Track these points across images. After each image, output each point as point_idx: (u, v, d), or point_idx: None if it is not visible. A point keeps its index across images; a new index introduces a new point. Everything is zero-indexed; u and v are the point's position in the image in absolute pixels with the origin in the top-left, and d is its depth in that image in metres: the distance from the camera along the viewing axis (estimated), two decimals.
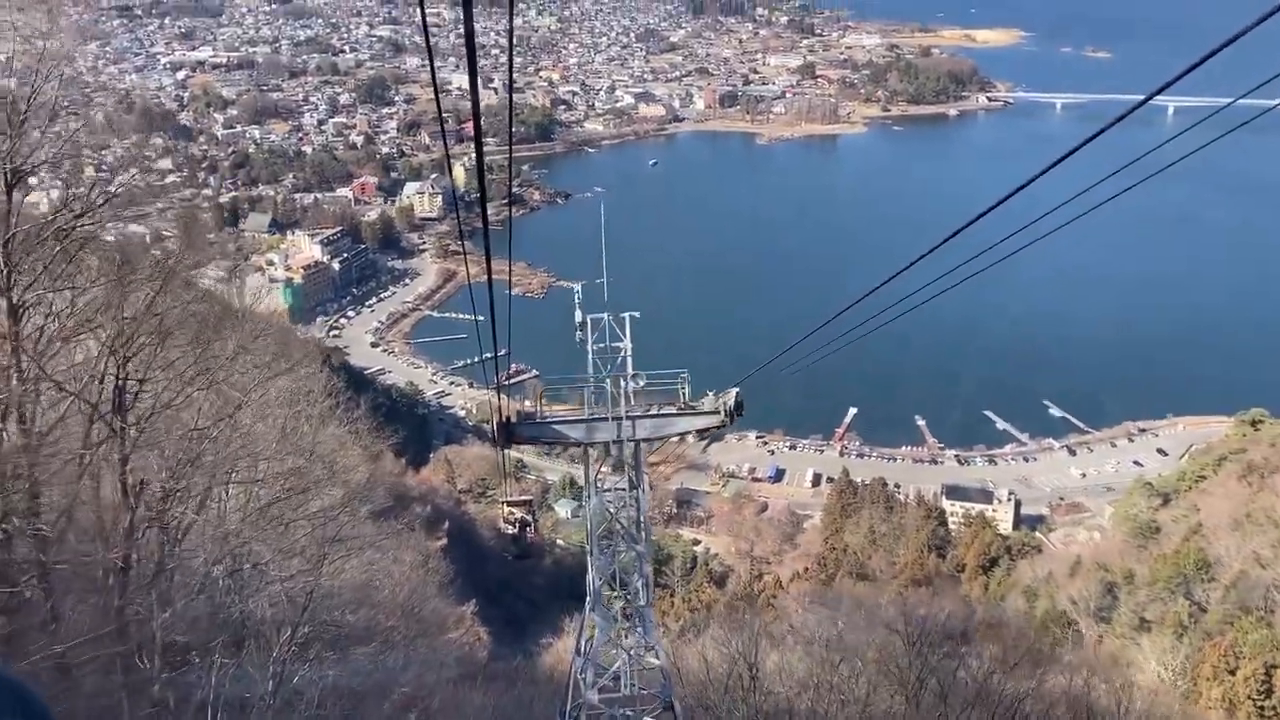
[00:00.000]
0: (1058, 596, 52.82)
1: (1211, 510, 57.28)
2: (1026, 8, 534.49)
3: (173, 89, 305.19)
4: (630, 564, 22.44)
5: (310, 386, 33.53)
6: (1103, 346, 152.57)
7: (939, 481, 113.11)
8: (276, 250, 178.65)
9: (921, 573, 57.16)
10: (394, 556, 37.03)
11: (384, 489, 49.04)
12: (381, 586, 31.71)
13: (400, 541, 40.03)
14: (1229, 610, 46.29)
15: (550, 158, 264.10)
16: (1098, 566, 54.19)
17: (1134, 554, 56.79)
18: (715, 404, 21.62)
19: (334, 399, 38.25)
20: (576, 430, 21.56)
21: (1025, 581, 58.15)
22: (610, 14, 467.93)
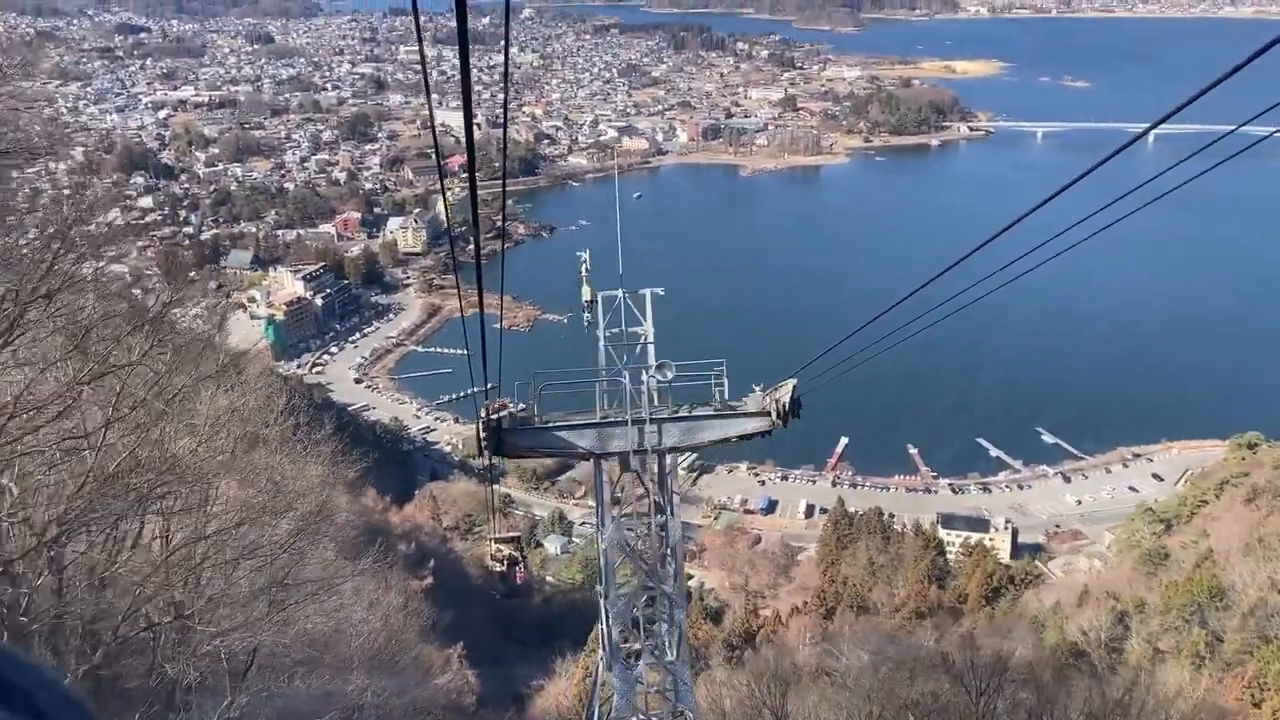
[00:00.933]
0: (1067, 627, 50.88)
1: (1221, 536, 55.65)
2: (1003, 40, 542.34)
3: (154, 128, 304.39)
4: (657, 610, 18.68)
5: (266, 405, 29.53)
6: (1093, 372, 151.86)
7: (934, 511, 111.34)
8: (258, 287, 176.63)
9: (924, 605, 55.20)
10: (370, 599, 34.59)
11: (358, 524, 47.04)
12: (353, 635, 29.03)
13: (379, 582, 37.59)
14: (1248, 639, 44.50)
15: (534, 192, 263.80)
16: (1107, 595, 52.35)
17: (1143, 582, 54.99)
18: (763, 403, 17.66)
19: (294, 420, 32.61)
20: (585, 437, 17.75)
21: (1032, 612, 56.20)
22: (592, 50, 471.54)
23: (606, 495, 18.26)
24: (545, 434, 17.77)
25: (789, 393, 17.19)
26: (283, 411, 28.40)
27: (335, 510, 28.76)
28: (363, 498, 61.72)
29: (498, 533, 46.77)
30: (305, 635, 22.19)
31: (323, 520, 22.16)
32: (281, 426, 26.89)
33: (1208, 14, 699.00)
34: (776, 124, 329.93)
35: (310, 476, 26.84)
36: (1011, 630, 55.07)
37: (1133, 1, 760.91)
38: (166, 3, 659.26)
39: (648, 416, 17.33)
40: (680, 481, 68.28)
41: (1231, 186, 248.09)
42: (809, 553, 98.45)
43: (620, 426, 17.36)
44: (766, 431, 17.82)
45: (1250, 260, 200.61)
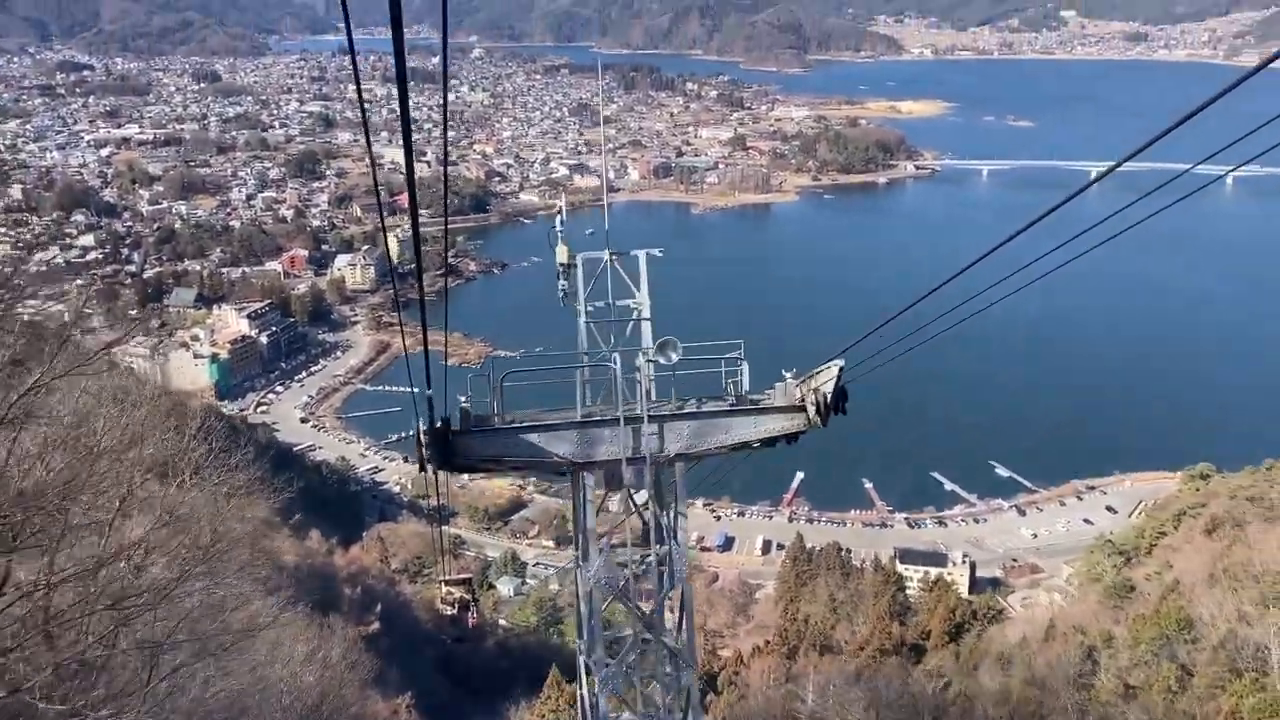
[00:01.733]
0: (1035, 663, 49.65)
1: (1185, 567, 55.00)
2: (947, 81, 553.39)
3: (96, 166, 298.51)
4: (657, 670, 14.62)
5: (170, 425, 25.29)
6: (1043, 405, 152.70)
7: (891, 545, 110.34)
8: (202, 325, 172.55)
9: (888, 642, 53.76)
10: (307, 651, 32.14)
11: (302, 567, 44.65)
12: (283, 692, 26.34)
13: (316, 631, 35.16)
14: (1219, 673, 43.51)
15: (485, 229, 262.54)
16: (1074, 630, 51.27)
17: (1109, 615, 54.10)
18: (796, 394, 13.89)
19: (209, 447, 25.66)
20: (563, 441, 13.83)
21: (998, 648, 54.95)
22: (543, 89, 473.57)
23: (589, 520, 14.38)
24: (509, 438, 13.66)
25: (833, 380, 13.08)
26: (195, 435, 24.03)
27: (236, 544, 24.02)
28: (306, 540, 59.21)
29: (448, 575, 44.71)
30: (222, 696, 19.32)
31: (217, 558, 18.44)
32: (192, 452, 22.82)
33: (1143, 57, 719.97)
34: (727, 162, 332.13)
35: (225, 513, 22.83)
36: (978, 667, 53.81)
37: (1072, 44, 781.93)
38: (111, 41, 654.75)
39: (645, 413, 13.56)
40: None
41: (1175, 224, 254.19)
42: (767, 590, 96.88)
43: (610, 427, 13.61)
44: (799, 433, 14.01)
45: (1193, 295, 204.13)
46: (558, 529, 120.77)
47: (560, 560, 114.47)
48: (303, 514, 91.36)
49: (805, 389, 13.75)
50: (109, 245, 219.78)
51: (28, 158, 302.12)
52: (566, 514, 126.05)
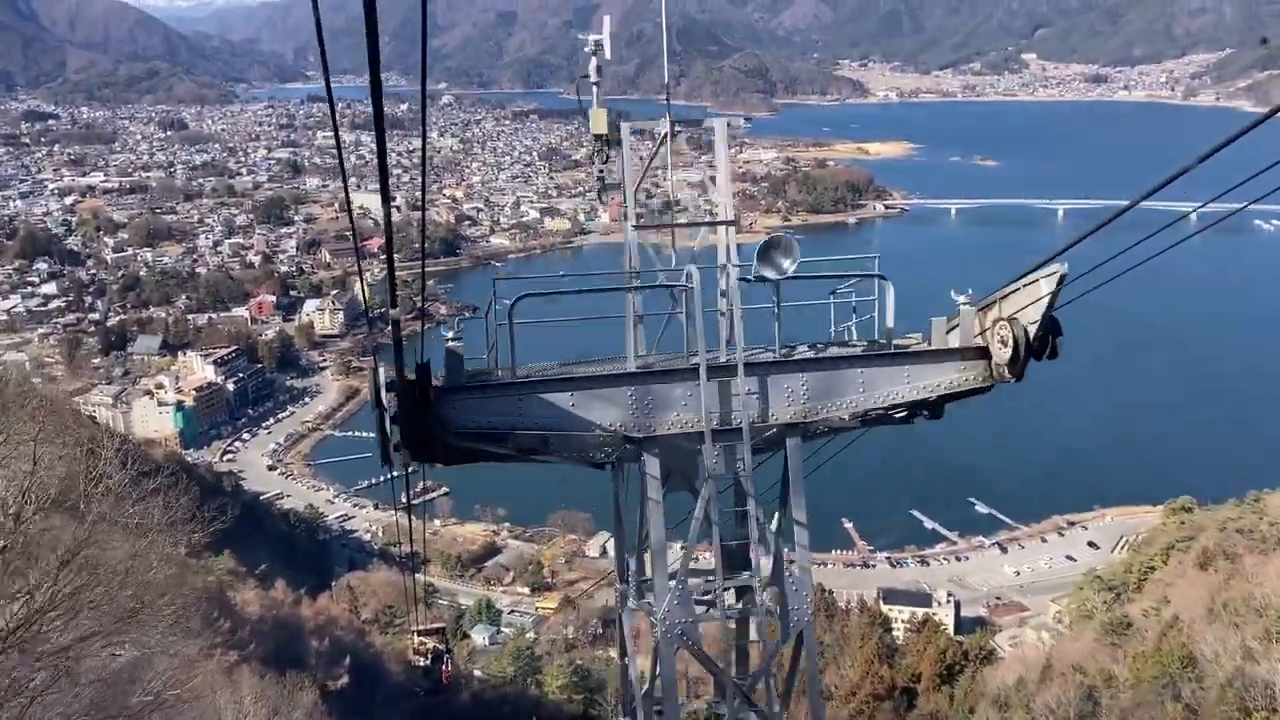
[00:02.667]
0: (1034, 705, 47.74)
1: (1182, 602, 53.36)
2: (913, 122, 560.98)
3: (60, 214, 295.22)
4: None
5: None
6: (1021, 441, 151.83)
7: (874, 586, 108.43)
8: (166, 372, 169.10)
9: (880, 687, 51.74)
10: (265, 714, 29.68)
11: (265, 619, 42.17)
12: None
13: (276, 691, 32.63)
14: (1228, 712, 41.77)
15: (456, 272, 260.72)
16: (1073, 669, 49.44)
17: (1107, 653, 52.32)
18: (973, 331, 10.20)
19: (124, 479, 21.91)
20: (608, 404, 9.54)
21: (993, 690, 53.05)
22: (512, 135, 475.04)
23: (655, 528, 9.35)
24: (523, 399, 9.37)
25: (1042, 304, 9.14)
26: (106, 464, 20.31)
27: (163, 593, 20.41)
28: (271, 590, 56.59)
29: (421, 625, 42.55)
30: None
31: (141, 612, 15.45)
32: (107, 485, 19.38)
33: (1104, 98, 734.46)
34: (696, 205, 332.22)
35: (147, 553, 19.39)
36: (974, 710, 51.88)
37: (1034, 86, 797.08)
38: (76, 90, 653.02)
39: (740, 360, 9.65)
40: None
41: (1145, 260, 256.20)
42: None
43: (683, 381, 9.40)
44: (985, 388, 10.32)
45: (1165, 331, 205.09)
46: (532, 575, 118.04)
47: (545, 605, 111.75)
48: (270, 563, 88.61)
49: (990, 320, 9.83)
50: (72, 293, 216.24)
51: None
52: (542, 560, 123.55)
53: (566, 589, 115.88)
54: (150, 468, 27.48)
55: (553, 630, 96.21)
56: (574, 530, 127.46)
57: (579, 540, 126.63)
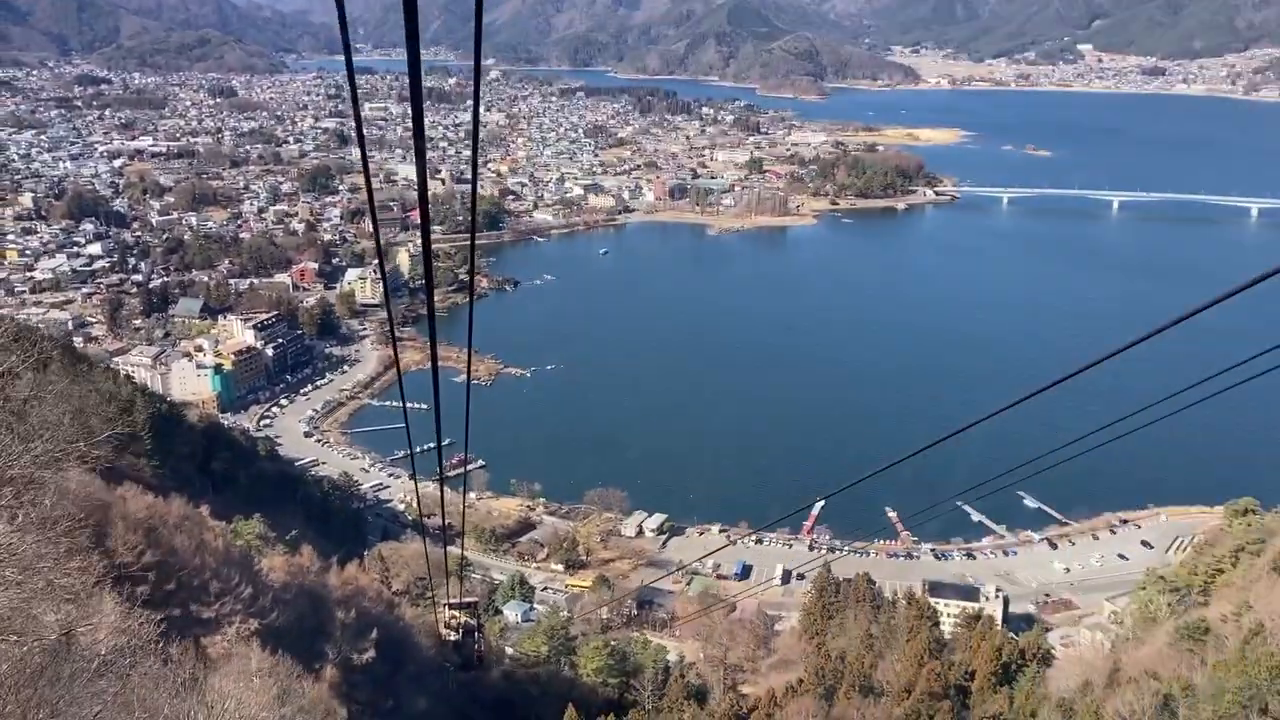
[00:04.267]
0: (1103, 713, 44.36)
1: (1269, 609, 49.72)
2: (965, 110, 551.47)
3: (108, 176, 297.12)
4: None
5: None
6: (1072, 435, 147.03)
7: (918, 577, 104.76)
8: (207, 336, 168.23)
9: (937, 685, 48.57)
10: (269, 694, 26.75)
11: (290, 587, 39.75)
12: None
13: (288, 669, 29.94)
14: None
15: (499, 246, 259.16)
16: (1146, 675, 45.98)
17: (1182, 659, 48.81)
18: None
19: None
20: None
21: (1057, 694, 49.68)
22: (558, 111, 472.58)
23: None
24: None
25: None
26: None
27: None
28: (297, 556, 54.39)
29: (453, 598, 39.99)
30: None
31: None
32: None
33: (1162, 91, 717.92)
34: (743, 185, 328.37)
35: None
36: (1036, 715, 48.58)
37: (1089, 77, 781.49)
38: (129, 56, 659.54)
39: None
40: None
41: (1195, 254, 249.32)
42: (790, 622, 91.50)
43: None
44: None
45: (1221, 329, 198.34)
46: (567, 552, 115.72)
47: (578, 583, 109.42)
48: (302, 530, 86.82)
49: None
50: (116, 254, 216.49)
51: (40, 167, 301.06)
52: (577, 537, 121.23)
53: (601, 568, 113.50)
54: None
55: (587, 610, 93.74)
56: (610, 508, 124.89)
57: (615, 519, 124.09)
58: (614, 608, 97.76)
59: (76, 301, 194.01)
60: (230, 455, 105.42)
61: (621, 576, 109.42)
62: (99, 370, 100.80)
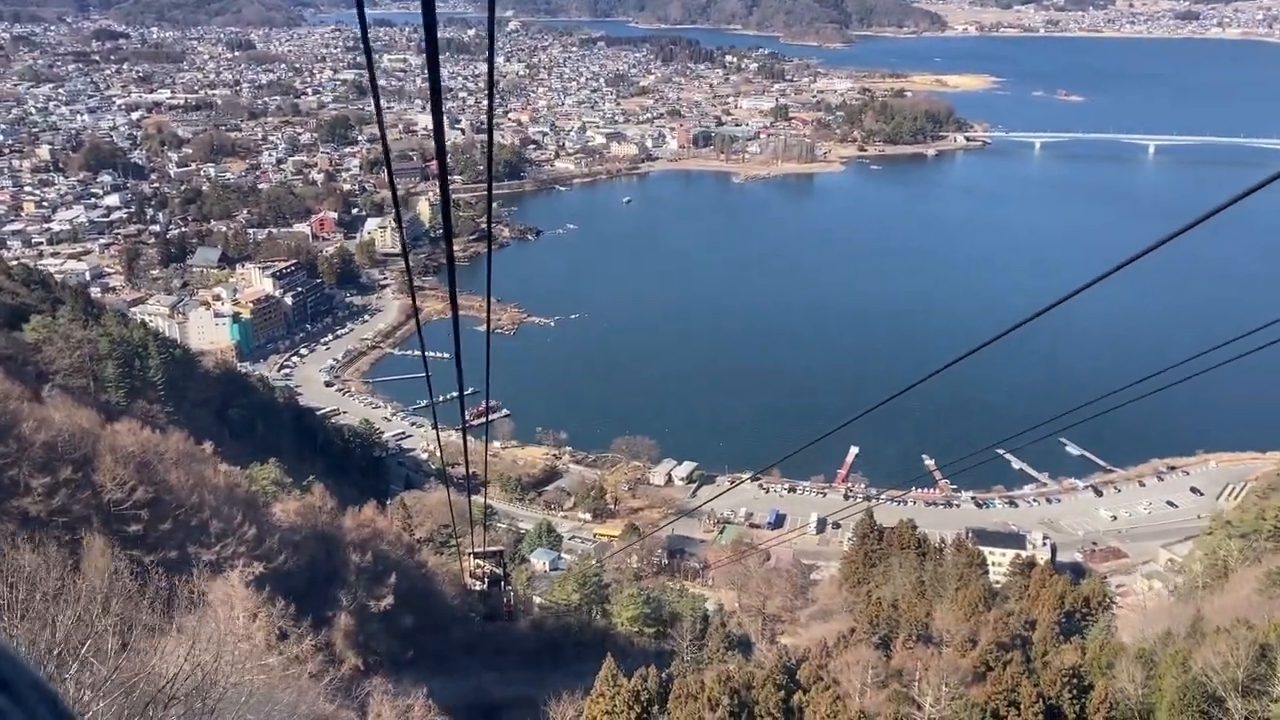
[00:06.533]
0: (1192, 663, 40.34)
1: None
2: (993, 56, 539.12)
3: (126, 129, 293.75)
4: None
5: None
6: (1116, 381, 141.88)
7: (958, 526, 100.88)
8: (225, 285, 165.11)
9: (1005, 635, 44.73)
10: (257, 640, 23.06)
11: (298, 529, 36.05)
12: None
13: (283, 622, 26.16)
14: None
15: (520, 195, 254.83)
16: (1238, 623, 41.90)
17: (1274, 607, 44.77)
18: None
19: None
20: None
21: (1135, 644, 45.70)
22: (579, 61, 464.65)
23: None
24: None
25: None
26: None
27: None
28: (307, 496, 50.91)
29: (477, 548, 36.45)
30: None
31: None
32: None
33: (1195, 35, 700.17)
34: (769, 132, 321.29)
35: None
36: (1113, 665, 44.60)
37: (1120, 23, 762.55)
38: (147, 10, 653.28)
39: None
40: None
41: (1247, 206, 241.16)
42: (830, 571, 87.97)
43: None
44: None
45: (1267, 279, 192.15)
46: (594, 501, 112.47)
47: (606, 532, 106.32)
48: (323, 480, 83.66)
49: None
50: (134, 205, 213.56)
51: (58, 120, 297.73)
52: (604, 485, 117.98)
53: (630, 516, 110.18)
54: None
55: (618, 559, 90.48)
56: (638, 456, 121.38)
57: (643, 467, 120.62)
58: (644, 557, 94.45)
59: (94, 252, 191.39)
60: (247, 403, 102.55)
61: (652, 525, 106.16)
62: (109, 315, 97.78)
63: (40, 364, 76.66)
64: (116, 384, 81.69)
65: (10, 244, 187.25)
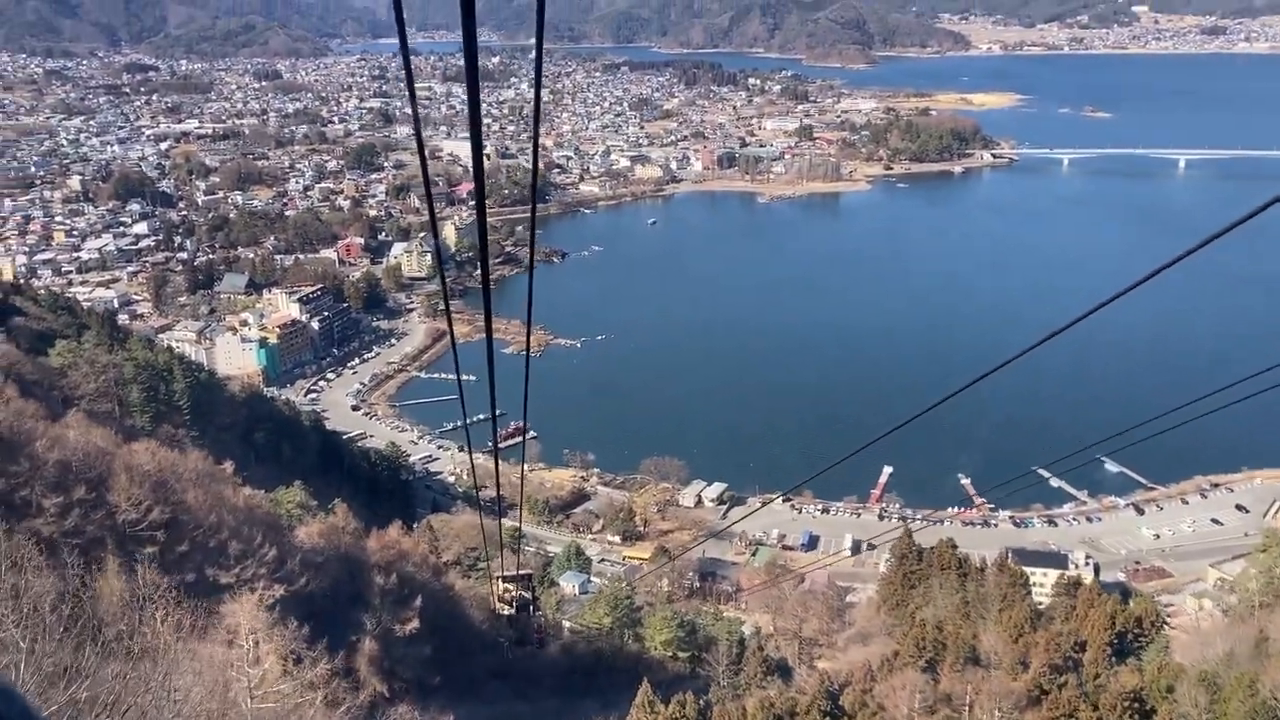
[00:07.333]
0: (1261, 686, 38.17)
1: None
2: (1017, 74, 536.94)
3: (155, 158, 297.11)
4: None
5: None
6: (1155, 396, 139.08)
7: (997, 546, 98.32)
8: (251, 310, 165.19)
9: (1057, 656, 42.66)
10: (268, 663, 21.55)
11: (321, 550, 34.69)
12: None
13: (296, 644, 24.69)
14: None
15: (545, 219, 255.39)
16: None
17: None
18: None
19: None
20: None
21: (1196, 667, 43.48)
22: (603, 86, 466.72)
23: None
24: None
25: None
26: None
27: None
28: (330, 517, 49.66)
29: (506, 571, 35.01)
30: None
31: None
32: None
33: (1222, 50, 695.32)
34: (793, 152, 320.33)
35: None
36: (1173, 689, 42.43)
37: (1145, 39, 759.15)
38: (177, 44, 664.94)
39: None
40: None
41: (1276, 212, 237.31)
42: (867, 593, 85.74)
43: None
44: None
45: None
46: (623, 523, 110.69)
47: (635, 555, 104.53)
48: (350, 503, 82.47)
49: None
50: (162, 233, 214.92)
51: (89, 151, 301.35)
52: (633, 507, 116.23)
53: (659, 539, 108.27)
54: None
55: (648, 582, 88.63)
56: (667, 478, 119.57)
57: (672, 488, 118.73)
58: (675, 580, 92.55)
59: (122, 280, 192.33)
60: (273, 427, 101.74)
61: (682, 547, 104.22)
62: (135, 340, 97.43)
63: (65, 388, 76.09)
64: (141, 408, 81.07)
65: (40, 272, 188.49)
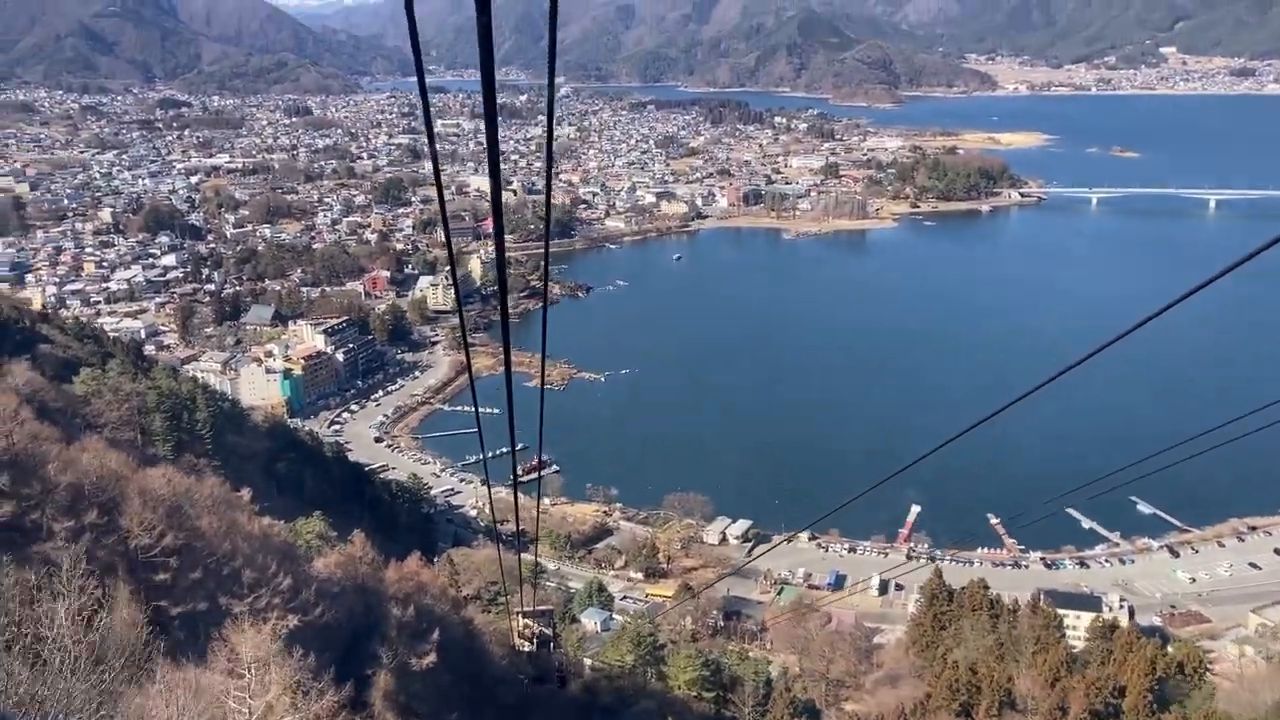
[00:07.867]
0: None
1: None
2: (1044, 114, 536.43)
3: (185, 192, 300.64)
4: None
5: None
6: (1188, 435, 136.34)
7: (1028, 588, 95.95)
8: (277, 341, 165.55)
9: (1098, 701, 40.95)
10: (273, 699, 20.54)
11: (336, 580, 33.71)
12: None
13: (303, 678, 23.48)
14: None
15: (570, 254, 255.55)
16: None
17: None
18: None
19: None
20: None
21: (1240, 715, 41.69)
22: (629, 124, 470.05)
23: None
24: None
25: None
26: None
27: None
28: (348, 546, 48.75)
29: (526, 607, 34.10)
30: None
31: None
32: None
33: (1252, 91, 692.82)
34: (819, 189, 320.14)
35: None
36: None
37: (1174, 80, 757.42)
38: (209, 80, 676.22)
39: None
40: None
41: None
42: (895, 634, 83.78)
43: None
44: None
45: None
46: (646, 559, 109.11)
47: (659, 592, 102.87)
48: (371, 535, 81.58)
49: None
50: (190, 265, 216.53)
51: (120, 184, 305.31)
52: (656, 543, 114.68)
53: (683, 576, 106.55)
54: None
55: (671, 620, 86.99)
56: (691, 514, 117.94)
57: (696, 525, 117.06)
58: (699, 618, 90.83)
59: (150, 311, 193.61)
60: (296, 457, 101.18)
61: (704, 585, 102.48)
62: (159, 369, 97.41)
63: (88, 416, 75.80)
64: (164, 437, 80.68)
65: (69, 302, 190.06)
